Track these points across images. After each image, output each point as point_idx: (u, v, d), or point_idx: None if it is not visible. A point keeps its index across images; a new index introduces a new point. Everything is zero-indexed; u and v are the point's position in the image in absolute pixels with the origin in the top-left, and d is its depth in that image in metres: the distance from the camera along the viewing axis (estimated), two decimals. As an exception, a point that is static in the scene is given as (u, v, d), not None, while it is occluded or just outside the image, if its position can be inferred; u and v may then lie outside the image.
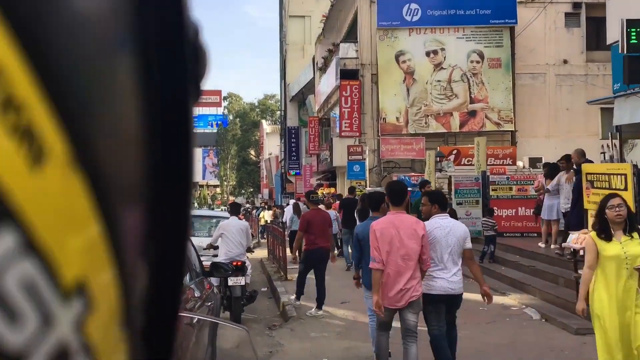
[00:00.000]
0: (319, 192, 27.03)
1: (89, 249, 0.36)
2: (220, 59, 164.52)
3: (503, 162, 19.11)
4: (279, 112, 72.39)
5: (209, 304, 4.34)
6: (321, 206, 18.07)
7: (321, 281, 8.48)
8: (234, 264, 7.89)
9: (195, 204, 74.79)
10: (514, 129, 20.79)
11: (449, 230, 5.33)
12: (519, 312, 8.35)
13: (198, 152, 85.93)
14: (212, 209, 69.71)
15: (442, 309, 5.34)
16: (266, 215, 27.39)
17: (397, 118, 20.88)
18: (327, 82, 23.82)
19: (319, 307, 8.34)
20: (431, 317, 5.33)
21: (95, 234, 0.36)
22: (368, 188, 19.57)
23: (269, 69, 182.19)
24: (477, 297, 5.70)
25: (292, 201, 23.85)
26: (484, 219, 12.08)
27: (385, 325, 5.39)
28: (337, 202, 17.44)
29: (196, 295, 4.01)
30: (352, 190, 17.50)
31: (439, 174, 15.98)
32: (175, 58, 0.41)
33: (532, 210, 13.03)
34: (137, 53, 0.39)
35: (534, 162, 18.93)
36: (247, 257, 8.94)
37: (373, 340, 5.89)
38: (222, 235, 8.48)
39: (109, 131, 0.37)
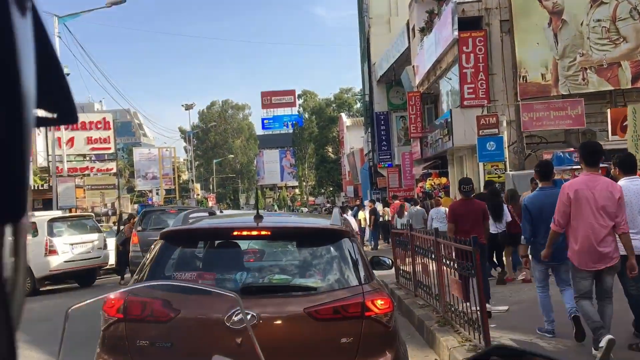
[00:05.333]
0: (428, 183, 21.94)
1: None
2: (293, 59, 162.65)
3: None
4: (356, 106, 68.44)
5: None
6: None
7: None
8: None
9: (275, 207, 71.66)
10: None
11: (637, 192, 5.37)
12: None
13: (274, 154, 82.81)
14: (293, 210, 66.02)
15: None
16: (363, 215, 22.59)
17: (542, 75, 15.50)
18: (436, 41, 18.58)
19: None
20: (627, 278, 5.28)
21: None
22: (510, 172, 14.30)
23: (342, 65, 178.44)
24: None
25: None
26: None
27: (586, 293, 5.16)
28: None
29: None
30: (490, 183, 11.78)
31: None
32: None
33: None
34: None
35: None
36: None
37: (544, 312, 5.99)
38: None
39: None
